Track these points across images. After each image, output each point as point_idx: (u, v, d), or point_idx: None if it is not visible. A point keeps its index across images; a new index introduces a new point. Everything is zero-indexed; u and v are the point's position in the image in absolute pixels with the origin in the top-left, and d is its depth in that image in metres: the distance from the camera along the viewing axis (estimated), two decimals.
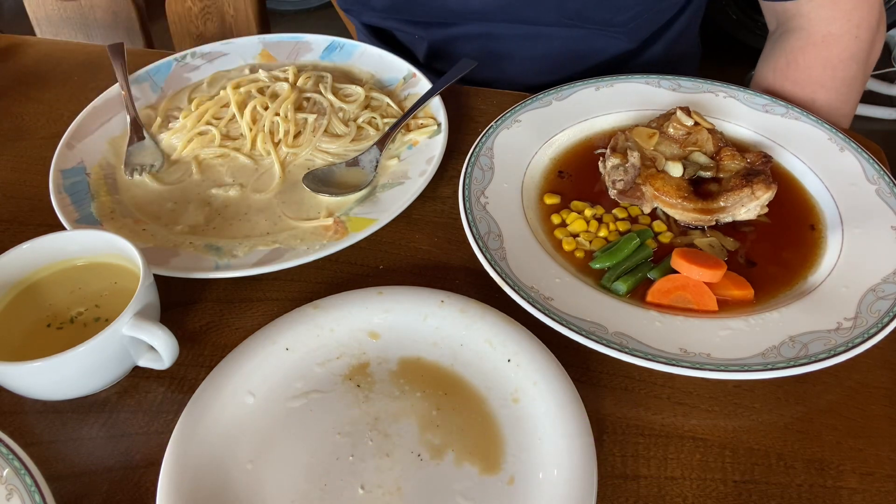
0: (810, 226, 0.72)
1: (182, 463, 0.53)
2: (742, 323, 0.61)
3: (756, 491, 0.54)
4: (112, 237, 0.63)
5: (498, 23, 0.99)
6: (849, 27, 0.87)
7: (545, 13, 0.96)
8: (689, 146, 0.77)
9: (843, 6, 0.87)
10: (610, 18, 0.96)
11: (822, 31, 0.88)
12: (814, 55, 0.89)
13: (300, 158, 0.82)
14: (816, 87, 0.90)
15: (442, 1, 0.98)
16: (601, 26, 0.97)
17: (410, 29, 1.06)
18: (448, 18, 1.00)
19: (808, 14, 0.88)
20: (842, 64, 0.89)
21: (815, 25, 0.89)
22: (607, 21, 0.97)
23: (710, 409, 0.59)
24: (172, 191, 0.80)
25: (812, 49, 0.89)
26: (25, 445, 0.52)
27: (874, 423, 0.58)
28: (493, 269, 0.65)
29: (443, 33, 1.03)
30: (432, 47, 1.06)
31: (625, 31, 0.99)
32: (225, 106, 0.87)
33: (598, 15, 0.96)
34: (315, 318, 0.62)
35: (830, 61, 0.89)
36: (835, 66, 0.89)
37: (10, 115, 0.93)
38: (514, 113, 0.83)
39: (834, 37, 0.88)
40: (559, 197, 0.75)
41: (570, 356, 0.60)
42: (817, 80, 0.89)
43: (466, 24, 1.01)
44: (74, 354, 0.55)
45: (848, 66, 0.89)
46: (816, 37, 0.89)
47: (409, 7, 1.01)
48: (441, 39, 1.04)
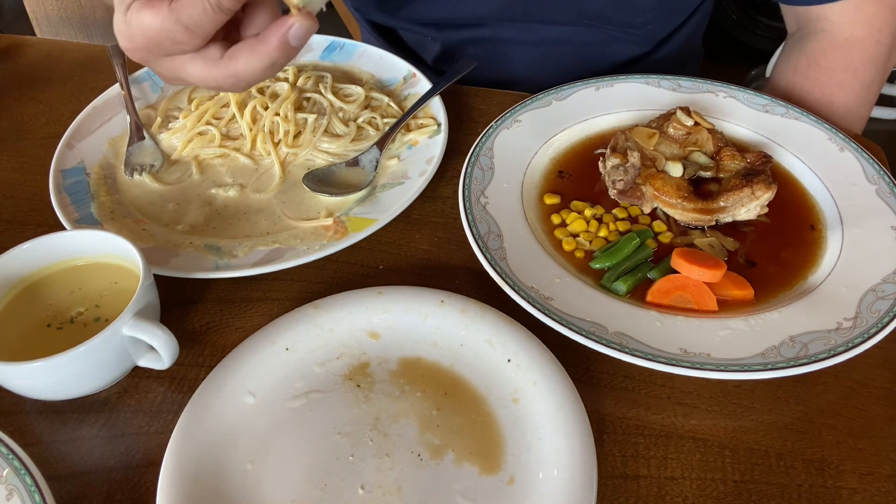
0: (810, 226, 0.72)
1: (182, 463, 0.53)
2: (742, 323, 0.61)
3: (756, 491, 0.54)
4: (112, 237, 0.63)
5: (514, 24, 0.99)
6: (871, 31, 0.88)
7: (565, 13, 0.96)
8: (689, 146, 0.77)
9: (867, 10, 0.87)
10: (630, 19, 0.96)
11: (845, 34, 0.89)
12: (836, 57, 0.89)
13: (300, 158, 0.82)
14: (836, 89, 0.90)
15: (459, 2, 0.97)
16: (620, 28, 0.97)
17: (423, 30, 1.05)
18: (465, 20, 1.00)
19: (832, 17, 0.89)
20: (863, 66, 0.89)
21: (838, 28, 0.89)
22: (627, 22, 0.97)
23: (710, 409, 0.59)
24: (172, 191, 0.80)
25: (834, 51, 0.89)
26: (25, 445, 0.52)
27: (874, 423, 0.58)
28: (493, 269, 0.65)
29: (457, 35, 1.03)
30: (445, 49, 1.06)
31: (641, 33, 0.99)
32: (225, 106, 0.87)
33: (618, 16, 0.96)
34: (315, 318, 0.62)
35: (852, 63, 0.89)
36: (856, 69, 0.89)
37: (10, 115, 0.93)
38: (514, 113, 0.83)
39: (857, 40, 0.88)
40: (559, 197, 0.75)
41: (570, 356, 0.60)
42: (837, 82, 0.90)
43: (482, 27, 1.00)
44: (74, 354, 0.55)
45: (868, 69, 0.90)
46: (839, 39, 0.89)
47: (425, 8, 1.00)
48: (454, 41, 1.04)
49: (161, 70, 0.58)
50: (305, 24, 0.54)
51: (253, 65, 0.54)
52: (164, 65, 0.57)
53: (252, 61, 0.54)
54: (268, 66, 0.55)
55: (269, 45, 0.54)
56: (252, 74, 0.55)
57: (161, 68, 0.57)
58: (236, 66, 0.55)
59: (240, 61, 0.54)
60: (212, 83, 0.56)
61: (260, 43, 0.54)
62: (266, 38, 0.54)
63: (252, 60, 0.54)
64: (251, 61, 0.54)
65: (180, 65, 0.56)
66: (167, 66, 0.57)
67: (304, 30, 0.54)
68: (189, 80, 0.57)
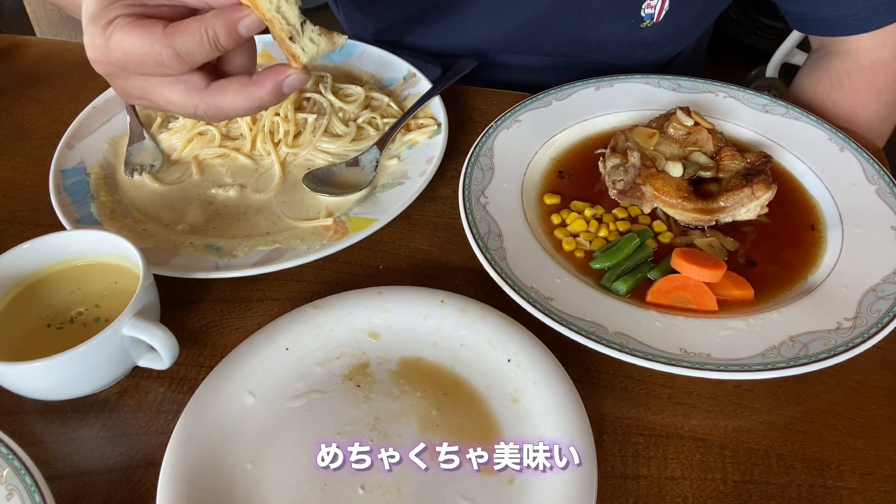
0: (810, 226, 0.72)
1: (182, 463, 0.53)
2: (742, 323, 0.61)
3: (756, 491, 0.54)
4: (112, 237, 0.63)
5: (514, 54, 0.99)
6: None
7: (564, 45, 0.96)
8: (689, 146, 0.77)
9: (893, 33, 0.86)
10: (630, 53, 0.96)
11: (870, 57, 0.87)
12: (860, 79, 0.88)
13: (300, 158, 0.82)
14: (858, 109, 0.89)
15: (459, 35, 0.97)
16: (619, 59, 0.97)
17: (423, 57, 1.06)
18: (464, 50, 0.99)
19: (857, 41, 0.87)
20: (887, 88, 0.89)
21: (863, 51, 0.88)
22: (627, 55, 0.97)
23: (710, 409, 0.59)
24: (172, 191, 0.80)
25: (859, 73, 0.88)
26: (25, 445, 0.52)
27: (874, 423, 0.58)
28: (493, 269, 0.65)
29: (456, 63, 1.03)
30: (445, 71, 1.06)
31: (641, 64, 0.98)
32: None
33: (618, 50, 0.96)
34: (315, 318, 0.62)
35: (876, 85, 0.88)
36: (880, 91, 0.89)
37: (10, 115, 0.93)
38: (514, 113, 0.83)
39: (882, 63, 0.87)
40: (559, 197, 0.75)
41: (570, 356, 0.60)
42: (860, 102, 0.89)
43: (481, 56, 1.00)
44: (74, 354, 0.55)
45: (893, 91, 0.89)
46: (864, 62, 0.88)
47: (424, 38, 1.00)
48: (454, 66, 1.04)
49: (126, 86, 0.58)
50: (302, 78, 0.57)
51: (240, 103, 0.56)
52: (133, 82, 0.57)
53: (240, 100, 0.56)
54: (255, 106, 0.57)
55: (262, 88, 0.55)
56: (236, 111, 0.57)
57: (127, 85, 0.57)
58: (223, 101, 0.56)
59: (227, 96, 0.56)
60: (189, 109, 0.57)
61: (254, 85, 0.55)
62: (261, 81, 0.56)
63: (240, 99, 0.56)
64: (239, 99, 0.56)
65: (153, 86, 0.56)
66: (136, 83, 0.57)
67: (300, 82, 0.57)
68: (157, 102, 0.57)
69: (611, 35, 0.93)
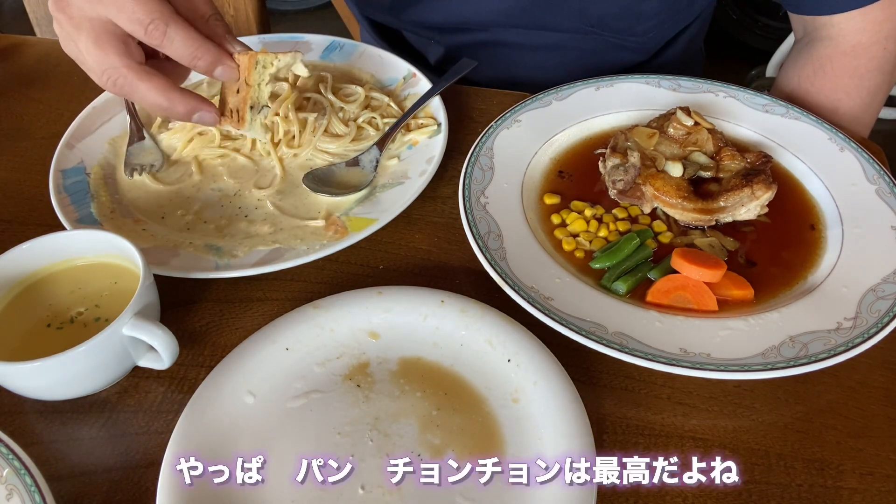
0: (810, 226, 0.72)
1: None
2: (742, 323, 0.61)
3: (756, 491, 0.54)
4: (112, 237, 0.63)
5: (516, 29, 0.99)
6: (878, 38, 0.87)
7: (566, 19, 0.96)
8: (689, 146, 0.77)
9: (874, 17, 0.87)
10: (631, 27, 0.96)
11: (851, 41, 0.88)
12: (842, 64, 0.89)
13: (300, 158, 0.82)
14: (842, 96, 0.90)
15: (462, 6, 0.97)
16: (620, 35, 0.98)
17: (426, 32, 1.06)
18: (468, 24, 1.00)
19: (839, 24, 0.88)
20: (868, 74, 0.89)
21: (844, 35, 0.89)
22: (628, 29, 0.97)
23: (710, 409, 0.59)
24: (172, 191, 0.80)
25: (841, 58, 0.89)
26: (25, 445, 0.52)
27: (874, 423, 0.58)
28: (493, 269, 0.65)
29: (459, 38, 1.03)
30: (448, 51, 1.06)
31: (642, 40, 0.99)
32: None
33: (619, 23, 0.96)
34: (315, 318, 0.62)
35: (858, 70, 0.89)
36: (861, 76, 0.89)
37: (10, 115, 0.93)
38: (514, 113, 0.83)
39: (863, 47, 0.88)
40: (559, 197, 0.75)
41: (570, 356, 0.60)
42: (843, 89, 0.90)
43: (484, 31, 1.01)
44: (74, 354, 0.55)
45: (874, 77, 0.90)
46: (846, 46, 0.89)
47: (428, 12, 1.00)
48: (457, 44, 1.04)
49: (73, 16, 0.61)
50: (214, 120, 0.66)
51: (152, 99, 0.62)
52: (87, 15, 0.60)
53: (156, 98, 0.62)
54: (162, 110, 0.63)
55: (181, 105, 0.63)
56: (141, 100, 0.62)
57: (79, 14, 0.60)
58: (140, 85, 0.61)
59: (148, 84, 0.61)
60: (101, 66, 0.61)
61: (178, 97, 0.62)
62: (185, 100, 0.63)
63: (157, 97, 0.62)
64: (155, 96, 0.62)
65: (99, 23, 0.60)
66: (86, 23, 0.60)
67: (211, 121, 0.66)
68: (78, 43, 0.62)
69: (611, 5, 0.94)
